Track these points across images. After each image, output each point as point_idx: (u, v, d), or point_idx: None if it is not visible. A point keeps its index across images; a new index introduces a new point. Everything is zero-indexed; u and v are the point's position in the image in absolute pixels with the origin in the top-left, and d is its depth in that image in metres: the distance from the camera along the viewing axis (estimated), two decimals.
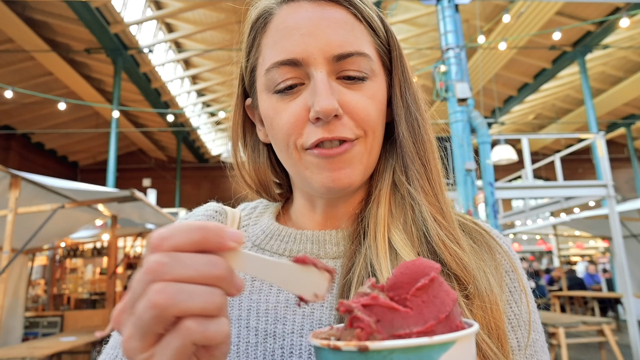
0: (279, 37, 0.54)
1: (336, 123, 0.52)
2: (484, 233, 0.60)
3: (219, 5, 10.73)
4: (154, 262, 0.31)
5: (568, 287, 11.20)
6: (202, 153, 20.16)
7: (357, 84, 0.54)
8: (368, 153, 0.56)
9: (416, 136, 0.57)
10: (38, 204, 4.58)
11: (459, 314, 0.31)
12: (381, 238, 0.53)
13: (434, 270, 0.31)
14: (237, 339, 0.54)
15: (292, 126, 0.53)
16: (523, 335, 0.55)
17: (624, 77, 14.35)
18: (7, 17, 9.45)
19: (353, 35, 0.53)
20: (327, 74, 0.52)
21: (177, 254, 0.31)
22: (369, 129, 0.54)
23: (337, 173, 0.53)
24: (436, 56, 10.01)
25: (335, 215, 0.61)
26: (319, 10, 0.53)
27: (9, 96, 8.70)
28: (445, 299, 0.30)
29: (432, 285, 0.31)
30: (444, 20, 6.22)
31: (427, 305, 0.30)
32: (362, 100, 0.53)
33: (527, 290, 0.58)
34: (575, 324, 5.91)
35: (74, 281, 8.40)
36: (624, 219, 7.98)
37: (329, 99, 0.50)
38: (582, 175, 19.66)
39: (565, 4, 10.31)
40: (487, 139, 5.94)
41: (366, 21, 0.56)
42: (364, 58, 0.54)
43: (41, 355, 4.32)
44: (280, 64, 0.53)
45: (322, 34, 0.52)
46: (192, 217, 0.66)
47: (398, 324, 0.29)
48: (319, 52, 0.52)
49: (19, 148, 15.31)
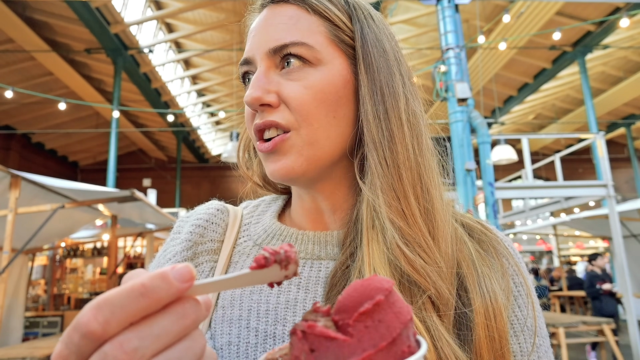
0: (246, 43, 0.61)
1: (270, 110, 0.54)
2: (490, 236, 0.59)
3: (219, 5, 10.74)
4: (119, 349, 0.26)
5: (568, 287, 11.20)
6: (202, 153, 20.16)
7: (295, 74, 0.54)
8: (309, 144, 0.54)
9: (379, 125, 0.54)
10: (38, 204, 4.59)
11: (409, 337, 0.29)
12: (365, 250, 0.51)
13: (381, 292, 0.28)
14: (237, 339, 0.54)
15: (248, 120, 0.58)
16: (526, 340, 0.54)
17: (624, 77, 14.35)
18: (7, 17, 9.46)
19: (295, 27, 0.55)
20: (266, 67, 0.55)
21: (139, 329, 0.27)
22: (304, 118, 0.53)
23: (274, 164, 0.55)
24: (436, 56, 10.01)
25: (324, 212, 0.61)
26: (270, 13, 0.58)
27: (9, 96, 8.70)
28: (393, 323, 0.28)
29: (378, 308, 0.28)
30: (444, 20, 6.22)
31: (369, 331, 0.27)
32: (297, 89, 0.54)
33: (532, 295, 0.57)
34: (575, 324, 5.91)
35: (74, 281, 8.41)
36: (623, 219, 7.98)
37: (252, 89, 0.54)
38: (582, 175, 19.66)
39: (565, 4, 10.31)
40: (487, 139, 5.94)
41: (318, 13, 0.57)
42: (301, 47, 0.54)
43: (41, 355, 4.32)
44: (240, 64, 0.60)
45: (263, 32, 0.57)
46: (193, 215, 0.65)
47: (333, 354, 0.27)
48: (260, 48, 0.56)
49: (19, 148, 15.31)
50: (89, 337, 0.26)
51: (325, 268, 0.57)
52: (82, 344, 0.26)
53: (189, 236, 0.61)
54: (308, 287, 0.56)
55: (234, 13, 11.05)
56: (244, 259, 0.61)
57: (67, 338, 0.27)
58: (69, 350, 0.27)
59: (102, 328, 0.26)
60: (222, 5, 10.74)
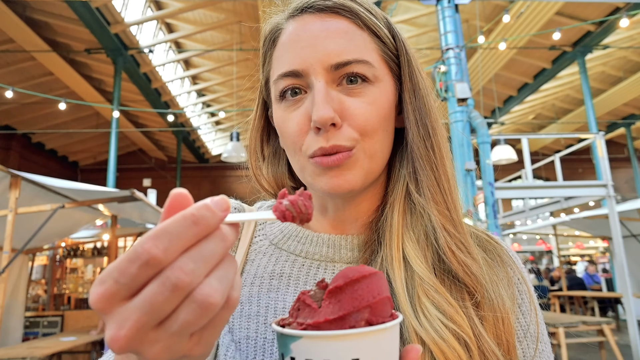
0: (284, 51, 0.57)
1: (334, 132, 0.54)
2: (496, 245, 0.61)
3: (219, 5, 10.74)
4: (180, 272, 0.29)
5: (568, 287, 11.21)
6: (202, 153, 20.16)
7: (357, 91, 0.55)
8: (369, 158, 0.56)
9: (426, 143, 0.57)
10: (38, 204, 4.58)
11: (361, 320, 0.36)
12: (395, 248, 0.55)
13: (347, 279, 0.37)
14: (255, 334, 0.56)
15: (296, 134, 0.56)
16: (529, 346, 0.56)
17: (624, 77, 14.36)
18: (7, 17, 9.46)
19: (353, 43, 0.55)
20: (325, 83, 0.54)
21: (192, 253, 0.30)
22: (367, 134, 0.55)
23: (337, 179, 0.55)
24: (436, 56, 10.01)
25: (346, 219, 0.63)
26: (320, 22, 0.56)
27: (9, 96, 8.70)
28: (345, 305, 0.36)
29: (339, 291, 0.37)
30: (444, 20, 6.22)
31: (328, 306, 0.36)
32: (361, 105, 0.55)
33: (535, 303, 0.59)
34: (575, 324, 5.92)
35: (74, 281, 8.40)
36: (623, 219, 7.98)
37: (325, 108, 0.52)
38: (582, 175, 19.65)
39: (565, 4, 10.31)
40: (487, 139, 5.94)
41: (369, 29, 0.57)
42: (364, 65, 0.55)
43: (41, 355, 4.32)
44: (284, 76, 0.56)
45: (320, 45, 0.55)
46: None
47: (305, 314, 0.37)
48: (318, 62, 0.54)
49: (19, 148, 15.31)
50: (151, 264, 0.29)
51: (339, 271, 0.59)
52: (139, 273, 0.29)
53: None
54: None
55: (234, 13, 11.05)
56: (260, 257, 0.64)
57: (118, 273, 0.29)
58: (120, 284, 0.29)
59: (164, 254, 0.29)
60: (222, 5, 10.74)
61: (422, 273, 0.52)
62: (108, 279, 0.29)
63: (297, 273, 0.60)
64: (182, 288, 0.29)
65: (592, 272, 13.18)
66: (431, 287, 0.51)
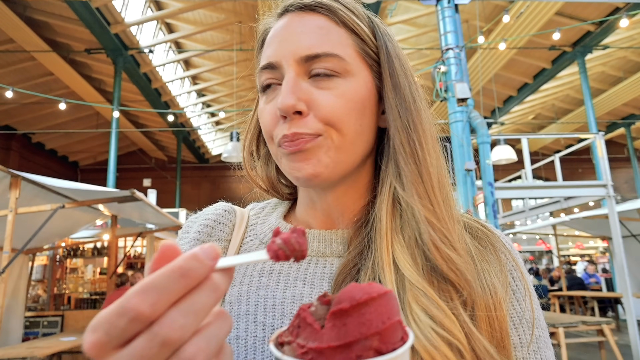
0: (266, 47, 0.60)
1: (298, 120, 0.55)
2: (488, 234, 0.61)
3: (219, 5, 10.75)
4: (169, 328, 0.29)
5: (568, 287, 11.20)
6: (202, 153, 20.17)
7: (325, 83, 0.56)
8: (336, 148, 0.56)
9: (408, 136, 0.58)
10: (38, 204, 4.59)
11: (369, 348, 0.32)
12: (385, 252, 0.54)
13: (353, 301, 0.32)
14: (245, 334, 0.56)
15: (269, 124, 0.58)
16: (525, 332, 0.56)
17: (624, 77, 14.37)
18: (7, 17, 9.46)
19: (327, 38, 0.57)
20: (296, 74, 0.56)
21: (181, 307, 0.30)
22: (333, 124, 0.55)
23: (300, 164, 0.56)
24: (436, 56, 10.01)
25: (332, 213, 0.63)
26: (298, 19, 0.59)
27: (9, 96, 8.71)
28: (352, 330, 0.32)
29: (345, 314, 0.33)
30: (444, 20, 6.22)
31: (332, 329, 0.32)
32: (328, 97, 0.55)
33: (530, 289, 0.59)
34: (575, 324, 5.91)
35: (75, 281, 8.41)
36: (623, 219, 7.98)
37: (287, 97, 0.53)
38: (582, 175, 19.66)
39: (565, 4, 10.32)
40: (486, 139, 5.94)
41: (346, 26, 0.59)
42: (333, 58, 0.56)
43: (41, 355, 4.32)
44: (262, 69, 0.59)
45: (294, 39, 0.57)
46: (202, 216, 0.67)
47: (306, 334, 0.34)
48: (290, 54, 0.56)
49: (19, 148, 15.32)
50: (139, 319, 0.28)
51: (330, 265, 0.60)
52: (128, 328, 0.28)
53: (197, 235, 0.64)
54: (313, 282, 0.58)
55: (234, 13, 11.06)
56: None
57: (108, 325, 0.29)
58: (110, 336, 0.29)
59: (151, 310, 0.28)
60: (222, 5, 10.75)
61: (412, 277, 0.52)
62: (99, 328, 0.29)
63: (287, 269, 0.60)
64: (171, 344, 0.29)
65: (591, 271, 13.20)
66: (420, 291, 0.50)
